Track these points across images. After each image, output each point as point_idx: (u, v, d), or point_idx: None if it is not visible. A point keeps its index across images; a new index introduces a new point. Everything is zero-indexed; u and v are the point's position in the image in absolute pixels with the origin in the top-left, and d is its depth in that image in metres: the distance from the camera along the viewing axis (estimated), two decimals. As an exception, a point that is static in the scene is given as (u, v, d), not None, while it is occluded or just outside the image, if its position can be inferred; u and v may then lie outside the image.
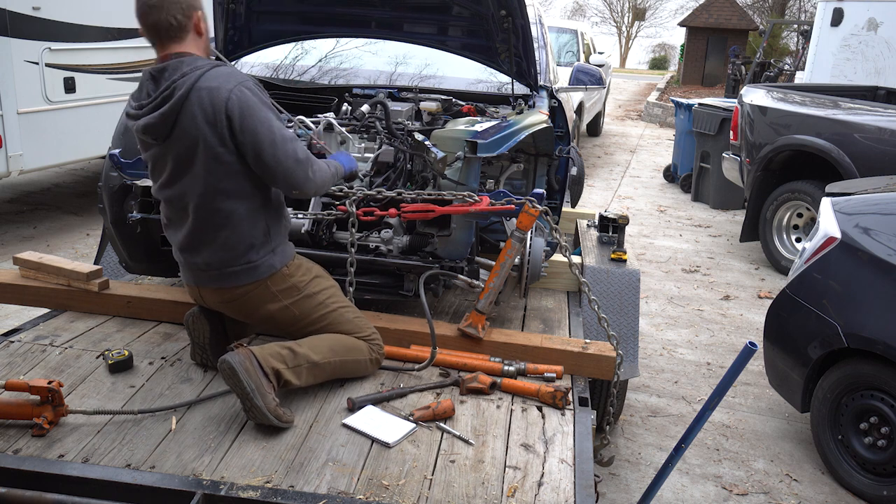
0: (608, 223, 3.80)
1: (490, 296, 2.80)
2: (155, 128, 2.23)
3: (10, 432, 2.17)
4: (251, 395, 2.15)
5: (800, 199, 6.21)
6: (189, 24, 2.26)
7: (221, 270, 2.37)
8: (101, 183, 3.03)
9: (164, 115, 2.20)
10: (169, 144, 2.26)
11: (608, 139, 13.26)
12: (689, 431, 2.36)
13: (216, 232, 2.33)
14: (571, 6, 41.10)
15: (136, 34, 6.90)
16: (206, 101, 2.18)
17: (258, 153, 2.23)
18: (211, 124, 2.20)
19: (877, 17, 8.45)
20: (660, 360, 4.63)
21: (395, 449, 2.18)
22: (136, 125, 2.27)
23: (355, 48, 4.22)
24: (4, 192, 7.73)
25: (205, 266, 2.38)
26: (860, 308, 3.26)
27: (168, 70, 2.24)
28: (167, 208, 2.42)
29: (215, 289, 2.42)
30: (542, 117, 3.36)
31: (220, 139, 2.21)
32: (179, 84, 2.19)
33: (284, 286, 2.43)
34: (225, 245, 2.34)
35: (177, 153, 2.27)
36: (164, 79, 2.23)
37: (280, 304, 2.44)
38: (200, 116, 2.19)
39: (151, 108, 2.23)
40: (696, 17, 22.58)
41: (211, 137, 2.21)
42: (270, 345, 2.33)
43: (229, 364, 2.17)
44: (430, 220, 2.88)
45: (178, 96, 2.18)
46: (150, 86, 2.27)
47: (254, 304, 2.44)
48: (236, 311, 2.50)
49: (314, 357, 2.38)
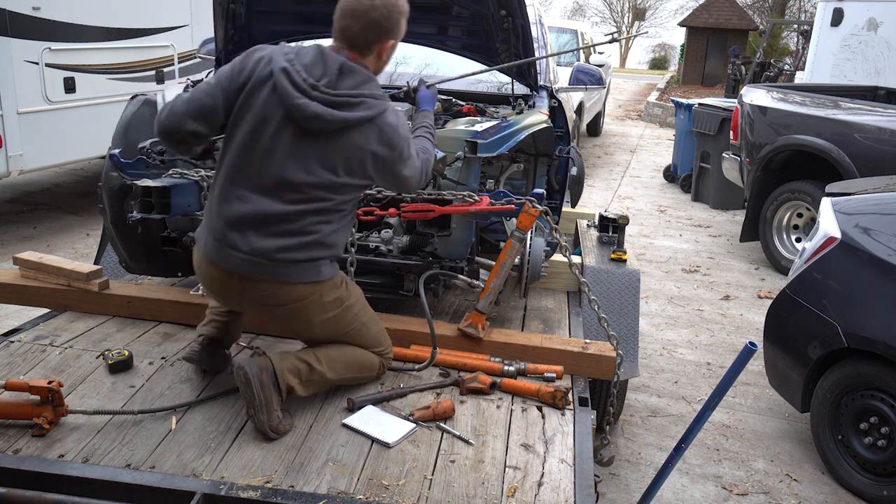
0: (608, 223, 3.80)
1: (490, 296, 2.80)
2: (321, 120, 2.15)
3: (10, 432, 2.17)
4: (258, 408, 2.15)
5: (800, 199, 6.21)
6: (375, 47, 2.26)
7: (275, 260, 2.20)
8: (101, 183, 3.03)
9: (341, 119, 2.16)
10: (317, 134, 2.19)
11: (608, 139, 13.26)
12: (689, 431, 2.36)
13: (305, 220, 2.21)
14: (571, 6, 41.15)
15: (136, 34, 6.94)
16: (383, 130, 2.21)
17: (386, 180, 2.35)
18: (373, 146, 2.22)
19: (877, 17, 8.45)
20: (660, 360, 4.63)
21: (395, 449, 2.18)
22: (300, 102, 2.14)
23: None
24: (4, 192, 7.73)
25: (263, 252, 2.19)
26: (860, 308, 3.26)
27: (358, 75, 2.21)
28: (239, 178, 2.22)
29: (268, 285, 2.25)
30: (542, 117, 3.36)
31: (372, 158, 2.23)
32: (371, 104, 2.20)
33: (333, 297, 2.34)
34: (302, 232, 2.22)
35: (321, 142, 2.19)
36: (354, 84, 2.20)
37: (325, 317, 2.34)
38: (374, 142, 2.21)
39: (330, 102, 2.16)
40: (696, 17, 22.58)
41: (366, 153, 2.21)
42: (290, 355, 2.29)
43: (246, 373, 2.15)
44: (430, 220, 2.88)
45: (363, 115, 2.18)
46: (333, 74, 2.19)
47: (304, 313, 2.31)
48: (273, 315, 2.38)
49: (329, 375, 2.35)
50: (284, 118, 2.18)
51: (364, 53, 2.24)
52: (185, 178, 2.88)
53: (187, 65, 7.60)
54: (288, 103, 2.15)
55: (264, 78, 2.19)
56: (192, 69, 7.57)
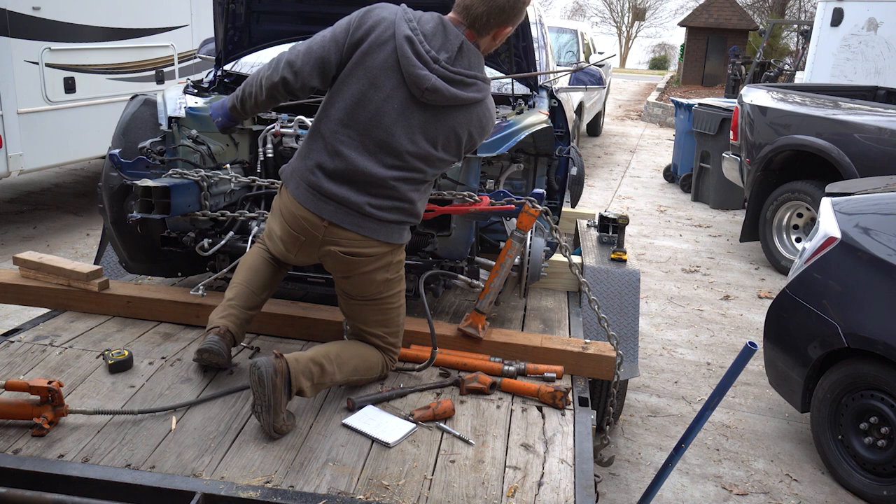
0: (608, 223, 3.80)
1: (490, 296, 2.80)
2: (437, 94, 2.22)
3: (10, 432, 2.17)
4: (265, 408, 2.14)
5: (800, 199, 6.21)
6: (493, 30, 2.31)
7: (367, 214, 2.29)
8: (101, 183, 3.02)
9: (455, 97, 2.24)
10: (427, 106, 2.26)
11: (608, 139, 13.26)
12: (689, 431, 2.36)
13: (400, 186, 2.30)
14: (571, 6, 41.15)
15: (136, 34, 6.95)
16: (483, 114, 2.33)
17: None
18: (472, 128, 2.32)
19: (877, 17, 8.45)
20: (660, 360, 4.63)
21: (395, 449, 2.18)
22: (422, 73, 2.20)
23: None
24: (4, 192, 7.73)
25: (357, 206, 2.28)
26: (860, 308, 3.26)
27: (473, 56, 2.28)
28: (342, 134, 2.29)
29: (352, 235, 2.31)
30: (542, 117, 3.36)
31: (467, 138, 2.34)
32: (481, 87, 2.29)
33: (397, 259, 2.45)
34: (395, 197, 2.31)
35: (429, 114, 2.27)
36: (470, 64, 2.26)
37: (385, 276, 2.42)
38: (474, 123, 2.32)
39: (449, 78, 2.22)
40: (696, 17, 22.59)
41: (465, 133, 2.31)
42: (304, 358, 2.28)
43: (261, 374, 2.13)
44: (430, 220, 2.88)
45: (473, 96, 2.27)
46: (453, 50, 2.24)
47: (371, 268, 2.37)
48: (345, 264, 2.38)
49: (338, 377, 2.37)
50: (399, 85, 2.24)
51: (482, 34, 2.30)
52: (185, 178, 2.88)
53: (187, 65, 7.60)
54: (408, 72, 2.21)
55: (385, 40, 2.23)
56: (192, 69, 7.57)
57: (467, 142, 2.35)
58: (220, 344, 2.44)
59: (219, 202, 3.07)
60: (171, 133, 3.05)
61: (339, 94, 2.30)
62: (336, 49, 2.27)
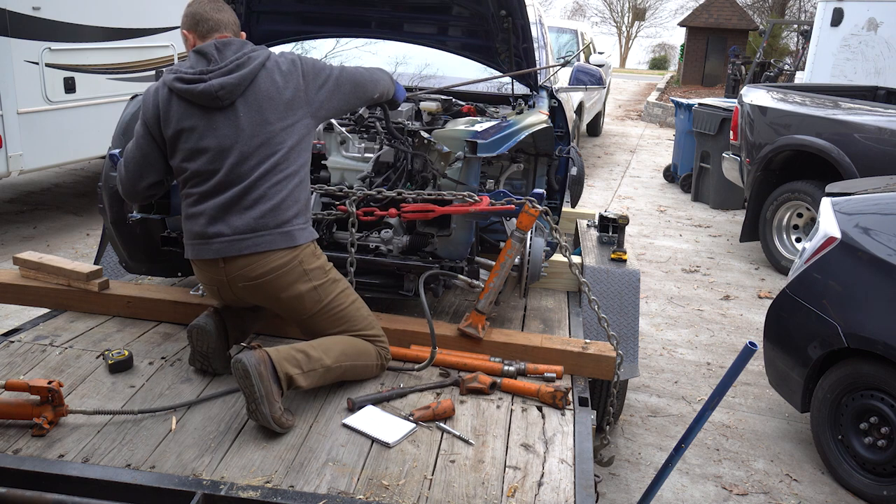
0: (608, 223, 3.80)
1: (490, 296, 2.80)
2: (231, 87, 2.31)
3: (10, 432, 2.17)
4: (259, 401, 2.14)
5: (800, 199, 6.21)
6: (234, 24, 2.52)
7: (260, 235, 2.32)
8: (101, 183, 3.03)
9: (241, 77, 2.31)
10: (236, 106, 2.33)
11: (608, 139, 13.26)
12: (689, 431, 2.36)
13: (272, 189, 2.33)
14: (571, 6, 41.13)
15: (135, 34, 6.94)
16: (283, 65, 2.40)
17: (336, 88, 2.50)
18: (290, 83, 2.38)
19: (877, 17, 8.45)
20: (660, 360, 4.63)
21: (395, 449, 2.18)
22: (203, 87, 2.29)
23: (355, 48, 4.22)
24: (4, 192, 7.73)
25: (242, 231, 2.32)
26: (860, 308, 3.26)
27: (234, 45, 2.39)
28: (203, 177, 2.36)
29: (247, 260, 2.33)
30: (542, 117, 3.36)
31: (299, 95, 2.39)
32: (254, 56, 2.36)
33: (314, 265, 2.42)
34: (275, 206, 2.34)
35: (246, 114, 2.33)
36: (232, 51, 2.37)
37: (310, 285, 2.40)
38: (279, 78, 2.37)
39: (225, 71, 2.31)
40: (696, 17, 22.58)
41: (290, 94, 2.37)
42: (285, 347, 2.30)
43: (244, 365, 2.14)
44: (430, 220, 2.88)
45: (257, 62, 2.35)
46: (212, 56, 2.36)
47: (284, 283, 2.38)
48: (262, 292, 2.40)
49: (327, 361, 2.36)
50: (203, 112, 2.33)
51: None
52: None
53: (187, 65, 7.59)
54: (196, 94, 2.30)
55: (166, 100, 2.35)
56: (192, 69, 7.55)
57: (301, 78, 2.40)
58: (207, 320, 2.47)
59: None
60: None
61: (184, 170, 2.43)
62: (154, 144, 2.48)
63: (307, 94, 2.42)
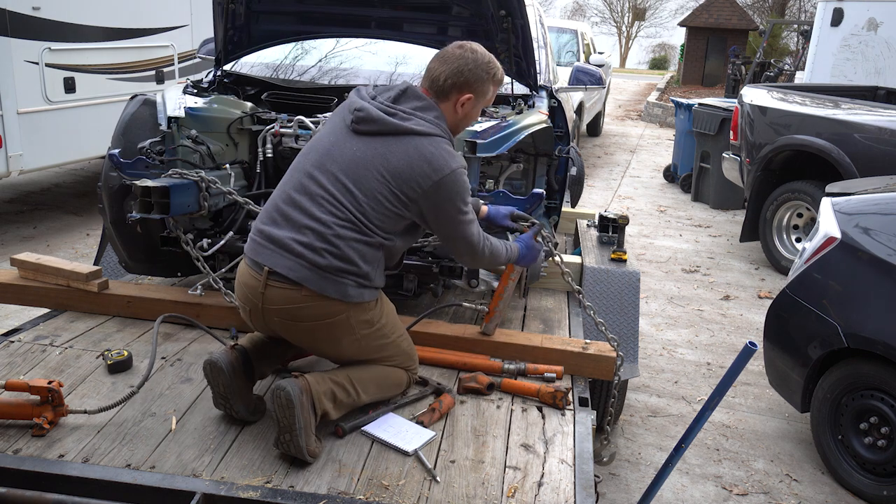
0: (608, 223, 3.80)
1: (496, 319, 2.81)
2: (365, 122, 2.22)
3: (10, 432, 2.17)
4: (297, 433, 2.02)
5: (800, 199, 6.21)
6: (452, 95, 2.30)
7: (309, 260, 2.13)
8: (101, 183, 3.02)
9: (381, 122, 2.20)
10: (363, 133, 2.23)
11: (608, 139, 13.26)
12: (689, 431, 2.36)
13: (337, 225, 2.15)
14: (571, 6, 41.13)
15: (136, 34, 6.94)
16: (426, 152, 2.18)
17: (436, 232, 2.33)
18: (410, 173, 2.17)
19: (877, 17, 8.45)
20: (660, 360, 4.63)
21: (394, 449, 2.18)
22: (361, 104, 2.23)
23: (355, 48, 4.21)
24: (4, 192, 7.73)
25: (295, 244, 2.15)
26: (860, 308, 3.26)
27: (417, 101, 2.27)
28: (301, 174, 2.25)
29: (292, 283, 2.14)
30: (542, 117, 3.36)
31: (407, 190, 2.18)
32: (422, 123, 2.21)
33: (362, 318, 2.24)
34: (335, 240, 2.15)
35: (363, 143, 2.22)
36: (417, 107, 2.25)
37: (353, 337, 2.24)
38: (415, 159, 2.17)
39: (385, 108, 2.22)
40: (696, 17, 22.58)
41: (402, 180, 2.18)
42: (324, 378, 2.17)
43: (288, 395, 2.02)
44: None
45: (402, 125, 2.20)
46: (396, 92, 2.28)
47: (325, 332, 2.21)
48: (295, 329, 2.22)
49: (363, 398, 2.27)
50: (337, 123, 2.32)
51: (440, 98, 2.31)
52: (185, 178, 2.88)
53: (187, 65, 7.60)
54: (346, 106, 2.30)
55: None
56: (192, 69, 7.57)
57: (419, 189, 2.17)
58: (222, 356, 2.22)
59: (218, 202, 3.07)
60: (171, 133, 3.04)
61: None
62: None
63: None
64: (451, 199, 2.22)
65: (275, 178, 3.31)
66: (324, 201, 2.18)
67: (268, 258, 2.18)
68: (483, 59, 2.30)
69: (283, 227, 2.20)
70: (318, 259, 2.14)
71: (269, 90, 3.67)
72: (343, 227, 2.16)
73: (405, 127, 2.19)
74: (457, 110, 2.31)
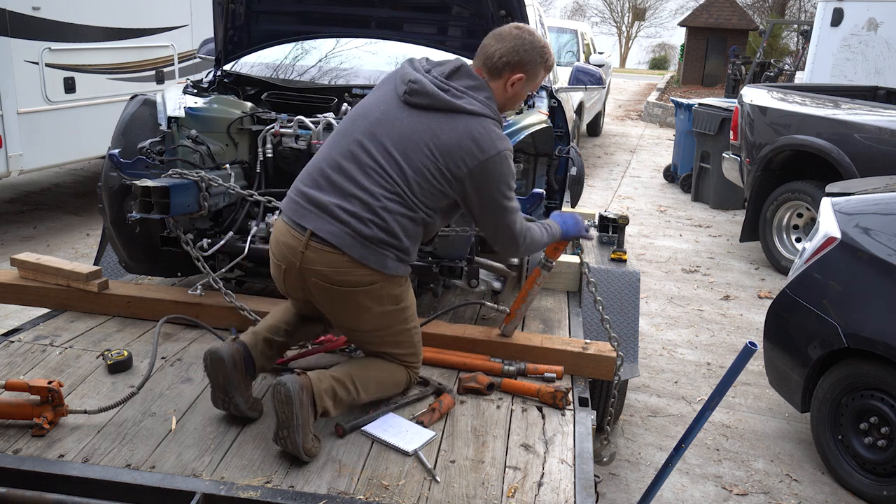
0: (608, 223, 3.80)
1: (516, 321, 2.80)
2: (419, 94, 2.22)
3: (10, 432, 2.17)
4: (294, 430, 2.03)
5: (800, 199, 6.21)
6: (505, 73, 2.30)
7: (355, 229, 2.15)
8: (101, 183, 3.02)
9: (434, 97, 2.21)
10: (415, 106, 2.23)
11: (608, 139, 13.26)
12: (689, 431, 2.36)
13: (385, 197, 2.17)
14: (571, 6, 41.13)
15: (136, 34, 6.94)
16: (474, 132, 2.20)
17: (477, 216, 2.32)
18: (458, 151, 2.19)
19: (877, 17, 8.45)
20: (660, 360, 4.63)
21: (394, 449, 2.18)
22: (415, 76, 2.23)
23: (355, 48, 4.22)
24: (4, 192, 7.73)
25: (341, 211, 2.16)
26: (860, 308, 3.26)
27: (470, 79, 2.27)
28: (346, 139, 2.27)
29: (334, 248, 2.16)
30: (542, 117, 3.36)
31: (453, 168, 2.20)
32: (473, 103, 2.22)
33: (393, 292, 2.27)
34: (381, 212, 2.17)
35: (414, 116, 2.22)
36: (469, 86, 2.25)
37: (379, 310, 2.26)
38: (463, 138, 2.19)
39: (439, 84, 2.22)
40: (696, 17, 22.58)
41: (449, 157, 2.19)
42: (326, 376, 2.18)
43: (287, 391, 2.03)
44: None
45: (455, 103, 2.20)
46: (449, 69, 2.27)
47: (356, 299, 2.22)
48: (328, 292, 2.22)
49: (363, 396, 2.28)
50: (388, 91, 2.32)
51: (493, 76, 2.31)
52: (185, 178, 2.88)
53: (187, 65, 7.60)
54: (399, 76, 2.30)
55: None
56: (192, 69, 7.57)
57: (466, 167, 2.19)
58: (224, 347, 2.22)
59: (218, 202, 3.07)
60: (171, 133, 3.04)
61: None
62: None
63: None
64: (495, 181, 2.23)
65: (275, 178, 3.31)
66: (373, 172, 2.19)
67: (312, 221, 2.20)
68: (539, 43, 2.32)
69: (327, 192, 2.21)
70: (363, 229, 2.17)
71: (269, 90, 3.67)
72: (391, 199, 2.18)
73: (457, 105, 2.21)
74: (507, 89, 2.32)
